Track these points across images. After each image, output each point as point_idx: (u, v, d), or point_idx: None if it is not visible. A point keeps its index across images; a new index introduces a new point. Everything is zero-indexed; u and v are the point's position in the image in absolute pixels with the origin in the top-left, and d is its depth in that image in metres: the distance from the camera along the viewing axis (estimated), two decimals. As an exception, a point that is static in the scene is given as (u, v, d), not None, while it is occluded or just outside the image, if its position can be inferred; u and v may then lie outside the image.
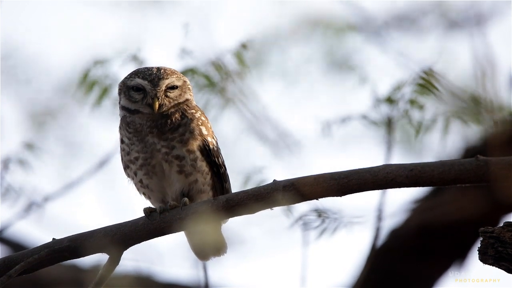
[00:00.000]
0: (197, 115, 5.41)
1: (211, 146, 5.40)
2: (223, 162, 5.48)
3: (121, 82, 5.44)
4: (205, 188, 5.39)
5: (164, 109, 5.34)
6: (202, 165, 5.37)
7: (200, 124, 5.39)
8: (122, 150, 5.40)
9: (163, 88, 5.34)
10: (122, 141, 5.41)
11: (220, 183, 5.47)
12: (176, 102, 5.38)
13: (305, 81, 6.21)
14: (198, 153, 5.36)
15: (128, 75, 5.42)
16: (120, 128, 5.42)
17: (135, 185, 5.42)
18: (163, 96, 5.34)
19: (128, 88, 5.40)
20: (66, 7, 7.61)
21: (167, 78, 5.36)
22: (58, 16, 7.67)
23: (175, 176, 5.33)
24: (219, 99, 6.19)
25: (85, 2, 7.16)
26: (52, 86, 6.99)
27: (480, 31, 5.48)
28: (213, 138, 5.44)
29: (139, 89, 5.37)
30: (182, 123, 5.36)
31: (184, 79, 5.44)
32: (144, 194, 5.43)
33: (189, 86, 5.46)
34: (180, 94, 5.40)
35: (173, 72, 5.41)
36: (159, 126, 5.33)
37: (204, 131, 5.39)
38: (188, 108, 5.41)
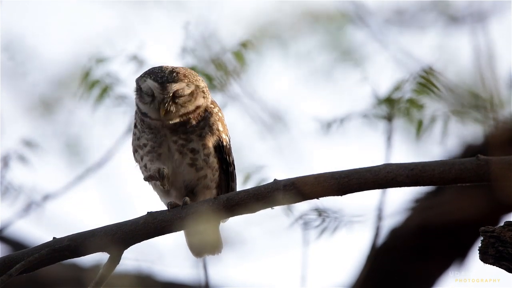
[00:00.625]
0: (215, 110, 5.39)
1: (224, 143, 5.38)
2: (233, 160, 5.48)
3: (136, 79, 5.38)
4: (211, 184, 5.38)
5: (171, 116, 5.28)
6: (214, 161, 5.36)
7: (217, 119, 5.37)
8: (134, 134, 5.39)
9: (171, 94, 5.25)
10: (135, 126, 5.40)
11: (227, 181, 5.47)
12: (185, 110, 5.30)
13: (304, 76, 6.20)
14: (212, 149, 5.35)
15: (143, 73, 5.34)
16: (136, 113, 5.40)
17: (140, 169, 5.41)
18: (170, 103, 5.27)
19: (141, 88, 5.35)
20: (65, 1, 7.61)
21: (177, 82, 5.26)
22: (57, 9, 7.67)
23: (186, 168, 5.32)
24: (220, 98, 6.18)
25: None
26: (51, 80, 6.99)
27: (481, 28, 5.47)
28: (227, 135, 5.43)
29: (148, 92, 5.31)
30: (203, 117, 5.34)
31: (197, 84, 5.32)
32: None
33: (203, 89, 5.36)
34: (190, 101, 5.32)
35: (185, 76, 5.30)
36: (184, 124, 5.30)
37: (220, 127, 5.38)
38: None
